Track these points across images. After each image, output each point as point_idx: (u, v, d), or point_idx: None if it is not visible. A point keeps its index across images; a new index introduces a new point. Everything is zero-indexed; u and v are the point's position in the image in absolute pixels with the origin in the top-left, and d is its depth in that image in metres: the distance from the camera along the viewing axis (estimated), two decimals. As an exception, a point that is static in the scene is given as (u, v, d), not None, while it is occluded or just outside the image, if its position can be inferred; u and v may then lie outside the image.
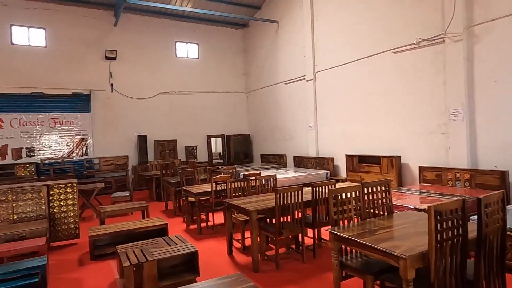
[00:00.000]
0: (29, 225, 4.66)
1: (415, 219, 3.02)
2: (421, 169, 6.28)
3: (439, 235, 2.18)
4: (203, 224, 5.94)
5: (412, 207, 4.09)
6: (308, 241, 4.61)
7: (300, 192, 3.94)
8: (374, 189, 3.28)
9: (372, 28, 7.39)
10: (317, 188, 4.12)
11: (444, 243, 2.21)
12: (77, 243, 5.31)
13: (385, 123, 7.26)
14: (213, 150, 12.29)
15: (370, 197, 3.26)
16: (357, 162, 7.64)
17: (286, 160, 10.59)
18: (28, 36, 9.63)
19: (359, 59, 7.75)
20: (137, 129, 10.92)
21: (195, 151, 11.77)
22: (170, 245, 3.79)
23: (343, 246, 2.88)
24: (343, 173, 8.37)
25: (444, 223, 2.20)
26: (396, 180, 6.72)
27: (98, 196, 8.54)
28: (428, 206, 2.16)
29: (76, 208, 5.30)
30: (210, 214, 6.39)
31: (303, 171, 8.74)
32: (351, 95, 8.07)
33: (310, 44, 9.17)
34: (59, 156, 9.83)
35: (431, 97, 6.27)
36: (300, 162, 9.76)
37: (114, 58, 10.51)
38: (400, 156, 6.83)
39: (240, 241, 4.79)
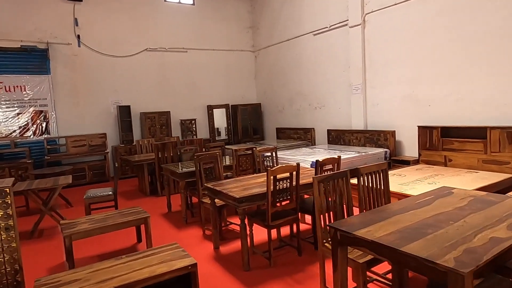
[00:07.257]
0: None
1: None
2: None
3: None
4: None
5: None
6: None
7: None
8: None
9: None
10: None
11: None
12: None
13: (485, 78, 4.99)
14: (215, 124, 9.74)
15: None
16: (440, 136, 5.41)
17: (314, 135, 8.25)
18: None
19: (444, -13, 5.35)
20: (117, 97, 8.20)
21: (193, 125, 9.20)
22: None
23: None
24: (408, 151, 6.15)
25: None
26: (517, 162, 4.56)
27: (67, 190, 6.00)
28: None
29: (13, 239, 2.74)
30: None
31: (349, 149, 6.47)
32: (423, 42, 5.71)
33: (357, -25, 6.64)
34: (7, 135, 7.05)
35: None
36: (338, 137, 7.42)
37: (80, 0, 7.60)
38: (521, 127, 4.65)
39: None
